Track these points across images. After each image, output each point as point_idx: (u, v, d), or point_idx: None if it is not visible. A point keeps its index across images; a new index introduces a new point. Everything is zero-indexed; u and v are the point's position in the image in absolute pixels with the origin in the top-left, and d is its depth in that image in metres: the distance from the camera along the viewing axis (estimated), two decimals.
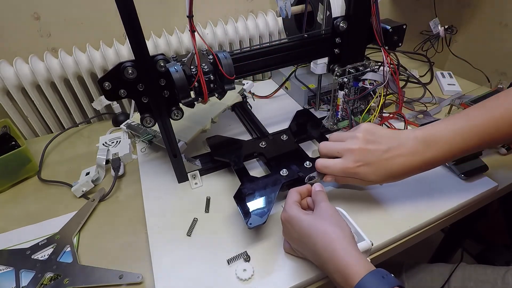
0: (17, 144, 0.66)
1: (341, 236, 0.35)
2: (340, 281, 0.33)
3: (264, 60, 0.53)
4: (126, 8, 0.37)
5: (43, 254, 0.49)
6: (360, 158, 0.42)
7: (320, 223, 0.37)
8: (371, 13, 0.52)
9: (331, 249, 0.35)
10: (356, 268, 0.32)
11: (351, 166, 0.42)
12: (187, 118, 0.62)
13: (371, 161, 0.41)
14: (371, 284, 0.31)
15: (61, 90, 0.78)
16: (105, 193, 0.58)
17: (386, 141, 0.42)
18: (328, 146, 0.46)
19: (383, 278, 0.31)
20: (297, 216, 0.39)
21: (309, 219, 0.38)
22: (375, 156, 0.41)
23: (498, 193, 0.54)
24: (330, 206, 0.40)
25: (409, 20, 0.64)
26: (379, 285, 0.31)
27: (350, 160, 0.42)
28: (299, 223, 0.38)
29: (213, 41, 0.85)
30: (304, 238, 0.38)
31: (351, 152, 0.42)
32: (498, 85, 0.73)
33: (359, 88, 0.58)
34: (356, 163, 0.42)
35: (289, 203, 0.41)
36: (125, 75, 0.42)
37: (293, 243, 0.41)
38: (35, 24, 0.75)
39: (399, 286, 0.31)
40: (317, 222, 0.37)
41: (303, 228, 0.38)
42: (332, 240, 0.35)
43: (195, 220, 0.50)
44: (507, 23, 1.16)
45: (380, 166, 0.41)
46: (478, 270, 0.55)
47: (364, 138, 0.42)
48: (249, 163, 0.60)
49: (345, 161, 0.43)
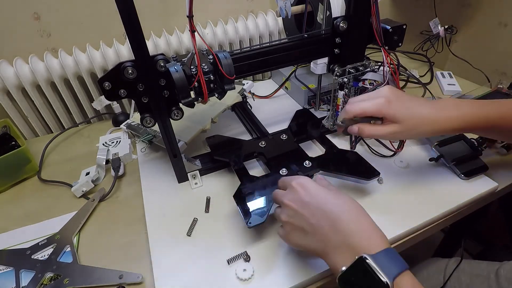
0: (17, 144, 0.66)
1: (363, 208, 0.36)
2: (362, 242, 0.32)
3: (264, 60, 0.53)
4: (126, 8, 0.37)
5: (43, 254, 0.49)
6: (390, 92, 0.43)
7: (339, 193, 0.37)
8: (371, 13, 0.52)
9: (358, 213, 0.35)
10: (381, 236, 0.33)
11: (381, 102, 0.43)
12: (187, 118, 0.62)
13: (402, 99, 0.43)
14: (393, 258, 0.31)
15: (61, 90, 0.78)
16: (105, 193, 0.58)
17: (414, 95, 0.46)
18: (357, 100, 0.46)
19: (400, 258, 0.32)
20: (312, 182, 0.39)
21: (328, 188, 0.39)
22: (407, 96, 0.44)
23: (498, 193, 0.54)
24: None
25: (409, 20, 0.64)
26: (399, 262, 0.31)
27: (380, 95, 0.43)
28: (316, 186, 0.38)
29: (213, 41, 0.85)
30: (321, 199, 0.36)
31: (381, 90, 0.44)
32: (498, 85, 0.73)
33: (359, 88, 0.58)
34: (386, 97, 0.43)
35: (298, 176, 0.42)
36: (125, 75, 0.42)
37: (298, 207, 0.37)
38: (35, 24, 0.75)
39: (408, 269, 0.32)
40: (336, 192, 0.38)
41: (321, 191, 0.37)
42: (357, 207, 0.36)
43: (195, 220, 0.50)
44: (507, 23, 1.16)
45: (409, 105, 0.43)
46: (473, 265, 0.56)
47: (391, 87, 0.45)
48: (249, 163, 0.60)
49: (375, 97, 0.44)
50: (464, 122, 0.43)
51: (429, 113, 0.43)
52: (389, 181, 0.53)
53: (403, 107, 0.42)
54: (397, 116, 0.42)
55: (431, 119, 0.43)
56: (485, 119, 0.43)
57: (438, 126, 0.43)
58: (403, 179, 0.54)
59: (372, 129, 0.44)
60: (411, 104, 0.43)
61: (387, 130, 0.43)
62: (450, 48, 0.92)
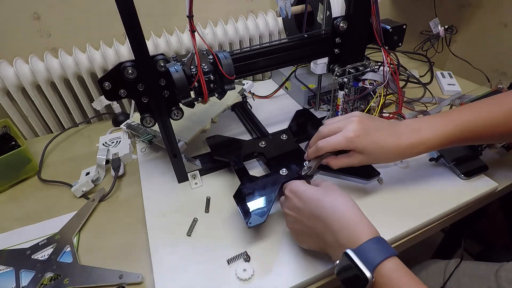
0: (17, 144, 0.66)
1: (350, 202, 0.38)
2: (345, 239, 0.35)
3: (264, 60, 0.53)
4: (126, 8, 0.37)
5: (43, 254, 0.49)
6: (359, 127, 0.44)
7: (328, 192, 0.39)
8: (371, 13, 0.52)
9: (341, 211, 0.36)
10: (365, 228, 0.35)
11: (351, 136, 0.44)
12: (187, 118, 0.62)
13: (369, 132, 0.45)
14: (375, 247, 0.33)
15: (61, 90, 0.78)
16: (105, 193, 0.58)
17: (381, 120, 0.47)
18: (329, 123, 0.48)
19: (385, 245, 0.34)
20: (303, 187, 0.41)
21: (317, 189, 0.40)
22: (374, 127, 0.45)
23: (498, 193, 0.54)
24: (334, 184, 0.41)
25: (409, 20, 0.64)
26: (384, 249, 0.33)
27: (349, 130, 0.45)
28: (306, 192, 0.40)
29: (213, 41, 0.85)
30: (311, 204, 0.39)
31: (351, 122, 0.45)
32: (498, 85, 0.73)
33: (359, 88, 0.58)
34: (355, 132, 0.44)
35: (292, 181, 0.45)
36: (125, 75, 0.42)
37: (293, 214, 0.41)
38: (35, 24, 0.75)
39: (396, 255, 0.33)
40: (325, 191, 0.39)
41: (310, 196, 0.39)
42: (342, 204, 0.37)
43: (195, 220, 0.50)
44: (507, 23, 1.16)
45: (375, 138, 0.45)
46: (473, 266, 0.56)
47: (361, 115, 0.47)
48: (249, 163, 0.60)
49: (345, 132, 0.45)
50: (427, 147, 0.45)
51: (393, 144, 0.45)
52: (389, 181, 0.53)
53: (371, 141, 0.45)
54: (366, 150, 0.45)
55: (395, 151, 0.45)
56: (450, 137, 0.44)
57: (404, 155, 0.46)
58: (403, 179, 0.54)
59: (341, 162, 0.47)
60: (377, 137, 0.45)
61: (355, 160, 0.46)
62: (450, 48, 0.92)
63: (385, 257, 0.32)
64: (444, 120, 0.45)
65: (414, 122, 0.47)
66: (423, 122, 0.46)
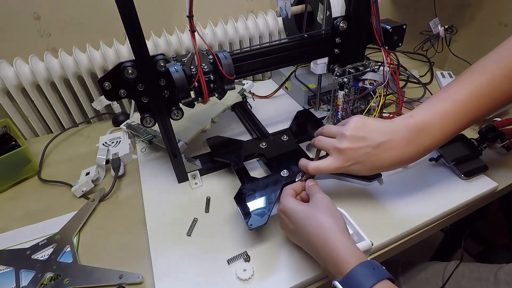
0: (17, 144, 0.65)
1: (334, 226, 0.36)
2: (332, 270, 0.34)
3: (264, 60, 0.53)
4: (126, 8, 0.37)
5: (43, 254, 0.49)
6: (349, 157, 0.42)
7: (314, 213, 0.38)
8: (371, 13, 0.52)
9: (325, 239, 0.36)
10: (348, 258, 0.33)
11: (342, 166, 0.42)
12: (187, 118, 0.62)
13: (361, 160, 0.41)
14: (361, 275, 0.31)
15: (61, 90, 0.78)
16: (105, 193, 0.58)
17: (376, 136, 0.41)
18: (321, 141, 0.45)
19: (374, 269, 0.32)
20: (292, 207, 0.41)
21: (304, 210, 0.39)
22: (365, 154, 0.41)
23: (498, 193, 0.54)
24: (325, 197, 0.41)
25: (409, 20, 0.64)
26: (369, 276, 0.31)
27: (340, 159, 0.42)
28: (295, 214, 0.40)
29: (213, 41, 0.85)
30: (299, 228, 0.39)
31: (340, 152, 0.42)
32: None
33: (359, 88, 0.58)
34: (347, 162, 0.42)
35: (284, 196, 0.43)
36: (125, 75, 0.42)
37: (289, 234, 0.43)
38: (35, 24, 0.75)
39: (389, 279, 0.32)
40: (311, 212, 0.39)
41: (298, 219, 0.39)
42: (326, 230, 0.36)
43: (195, 220, 0.50)
44: (507, 23, 1.16)
45: (371, 162, 0.41)
46: (472, 268, 0.56)
47: (352, 136, 0.41)
48: (249, 163, 0.59)
49: (336, 161, 0.42)
50: (428, 148, 0.43)
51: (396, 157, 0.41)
52: (389, 182, 0.53)
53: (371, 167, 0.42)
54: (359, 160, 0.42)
55: (397, 164, 0.42)
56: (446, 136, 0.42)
57: (404, 163, 0.43)
58: (403, 179, 0.54)
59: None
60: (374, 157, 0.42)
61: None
62: (450, 48, 0.92)
63: (374, 282, 0.31)
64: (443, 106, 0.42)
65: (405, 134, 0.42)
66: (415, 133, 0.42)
